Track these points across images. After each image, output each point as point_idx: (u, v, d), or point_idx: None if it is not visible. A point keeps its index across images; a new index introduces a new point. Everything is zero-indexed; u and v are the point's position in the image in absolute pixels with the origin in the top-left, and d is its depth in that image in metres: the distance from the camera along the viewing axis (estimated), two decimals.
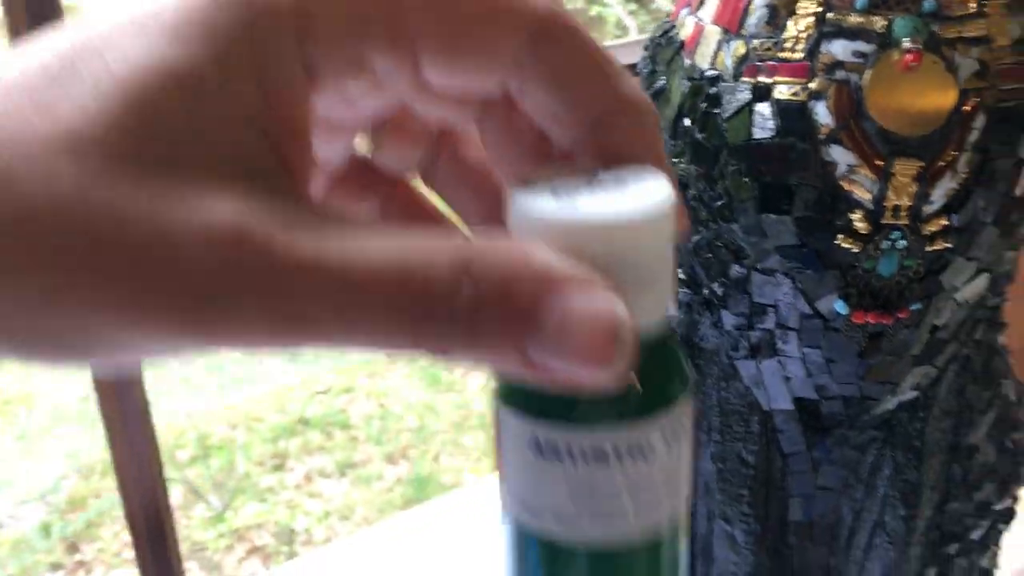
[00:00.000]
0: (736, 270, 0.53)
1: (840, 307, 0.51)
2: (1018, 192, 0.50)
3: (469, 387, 3.39)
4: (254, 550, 2.41)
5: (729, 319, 0.56)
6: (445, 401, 3.47)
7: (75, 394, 2.80)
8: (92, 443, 2.60)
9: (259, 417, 3.27)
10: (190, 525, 2.60)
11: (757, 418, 0.59)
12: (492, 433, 0.26)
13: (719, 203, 0.52)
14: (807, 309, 0.52)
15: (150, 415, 1.06)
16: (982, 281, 0.53)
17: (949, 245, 0.49)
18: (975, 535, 0.65)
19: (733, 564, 0.62)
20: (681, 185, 0.54)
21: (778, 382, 0.57)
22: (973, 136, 0.48)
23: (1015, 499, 0.67)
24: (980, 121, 0.48)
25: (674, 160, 0.54)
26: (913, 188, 0.48)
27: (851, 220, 0.49)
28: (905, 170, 0.47)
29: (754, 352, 0.56)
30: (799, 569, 0.63)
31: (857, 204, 0.49)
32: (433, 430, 3.12)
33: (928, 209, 0.49)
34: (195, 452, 3.01)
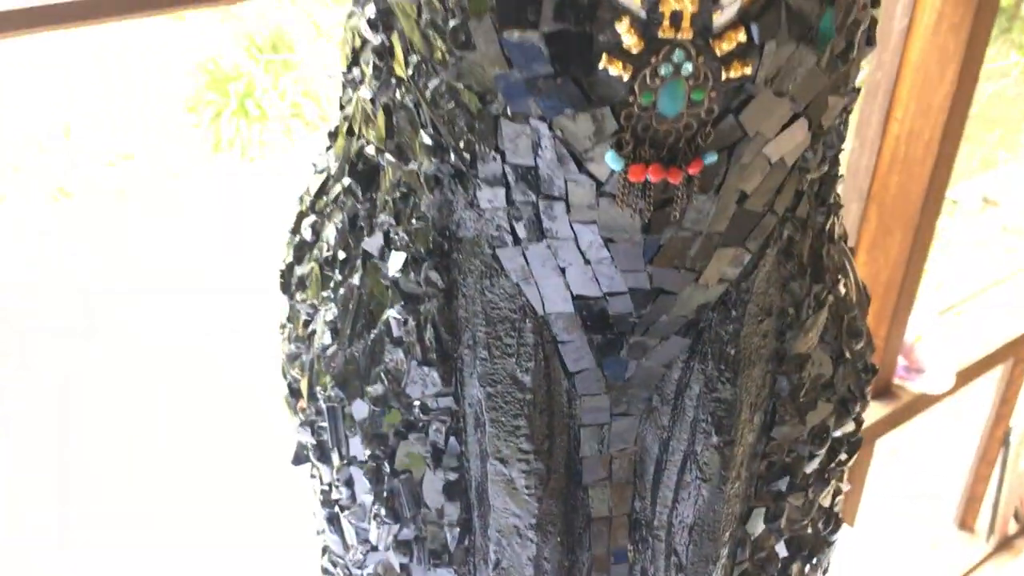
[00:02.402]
0: (482, 120, 0.40)
1: (612, 160, 0.38)
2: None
3: None
4: None
5: (486, 194, 0.43)
6: None
7: None
8: None
9: None
10: None
11: (531, 326, 0.46)
12: None
13: (454, 23, 0.38)
14: (573, 168, 0.39)
15: None
16: (800, 131, 0.41)
17: (749, 72, 0.37)
18: (810, 467, 0.53)
19: (514, 516, 0.49)
20: (416, 10, 0.40)
21: (550, 274, 0.44)
22: None
23: (859, 423, 0.56)
24: None
25: None
26: None
27: (617, 34, 0.36)
28: None
29: (517, 235, 0.43)
30: (597, 517, 0.51)
31: (624, 10, 0.36)
32: None
33: (719, 18, 0.36)
34: None
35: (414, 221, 0.46)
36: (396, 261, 0.48)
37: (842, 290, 0.51)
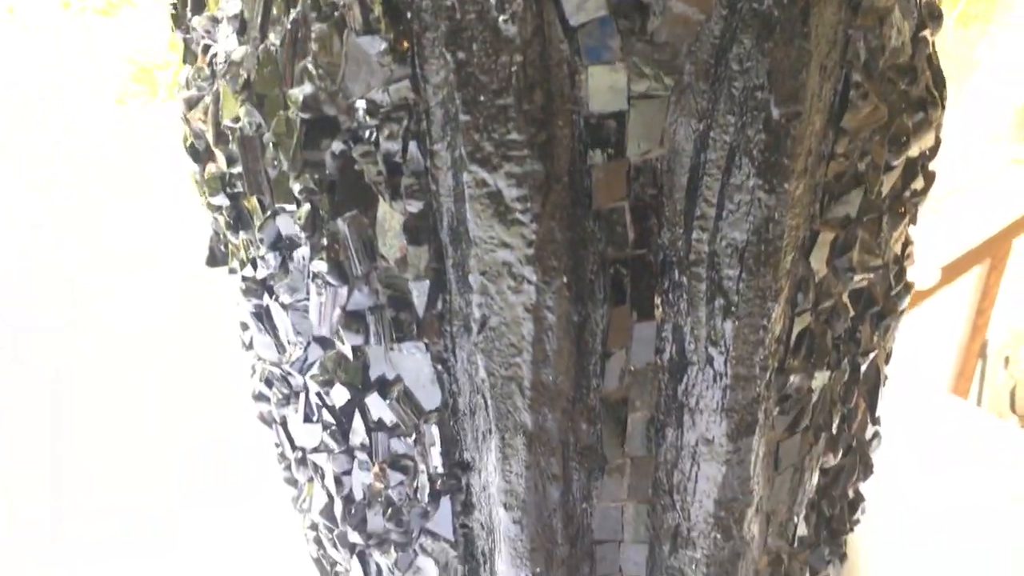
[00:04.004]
0: None
1: None
2: None
3: None
4: None
5: None
6: None
7: None
8: None
9: None
10: None
11: None
12: None
13: None
14: None
15: None
16: None
17: None
18: (886, 184, 0.41)
19: (504, 247, 0.36)
20: None
21: None
22: None
23: (938, 142, 0.44)
24: None
25: None
26: None
27: None
28: None
29: None
30: (614, 258, 0.38)
31: None
32: None
33: None
34: None
35: None
36: None
37: None
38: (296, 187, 0.38)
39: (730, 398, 0.39)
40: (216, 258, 0.48)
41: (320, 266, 0.38)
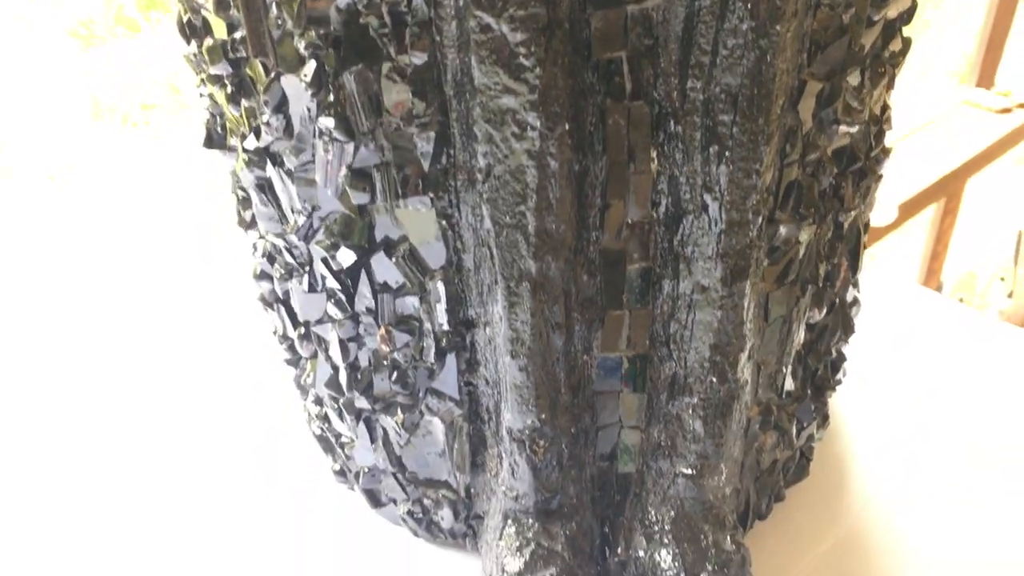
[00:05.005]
0: None
1: None
2: None
3: None
4: None
5: None
6: None
7: None
8: None
9: None
10: None
11: None
12: None
13: None
14: None
15: None
16: None
17: None
18: (868, 37, 0.42)
19: (508, 92, 0.37)
20: None
21: None
22: None
23: (913, 6, 0.46)
24: None
25: None
26: None
27: None
28: None
29: None
30: (612, 106, 0.39)
31: None
32: None
33: None
34: None
35: None
36: None
37: None
38: (301, 44, 0.39)
39: (724, 243, 0.41)
40: (213, 139, 0.49)
41: (327, 122, 0.39)
